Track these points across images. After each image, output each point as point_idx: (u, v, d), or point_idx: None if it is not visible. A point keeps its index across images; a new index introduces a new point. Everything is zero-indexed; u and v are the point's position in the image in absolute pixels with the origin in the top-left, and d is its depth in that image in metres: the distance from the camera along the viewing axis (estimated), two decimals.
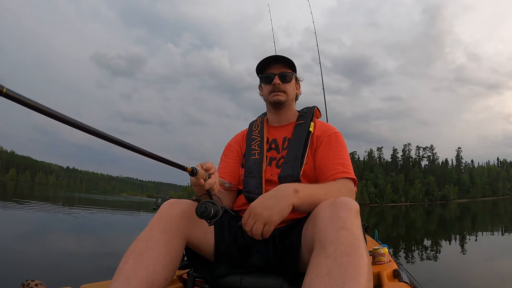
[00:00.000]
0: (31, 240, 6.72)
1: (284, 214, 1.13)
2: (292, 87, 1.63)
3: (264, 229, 1.12)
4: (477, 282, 4.65)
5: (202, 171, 1.09)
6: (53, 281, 1.51)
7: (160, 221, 1.20)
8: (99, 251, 6.23)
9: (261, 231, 1.12)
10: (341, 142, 1.50)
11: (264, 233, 1.12)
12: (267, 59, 1.60)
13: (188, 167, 1.02)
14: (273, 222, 1.11)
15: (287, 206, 1.14)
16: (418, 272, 5.22)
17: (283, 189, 1.19)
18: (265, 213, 1.11)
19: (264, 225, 1.11)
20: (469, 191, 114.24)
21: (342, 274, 0.86)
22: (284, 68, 1.60)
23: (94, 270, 4.36)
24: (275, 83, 1.57)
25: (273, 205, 1.13)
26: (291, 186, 1.19)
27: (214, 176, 1.16)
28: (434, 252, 7.69)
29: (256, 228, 1.11)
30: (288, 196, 1.16)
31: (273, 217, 1.11)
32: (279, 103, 1.60)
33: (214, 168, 1.18)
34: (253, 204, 1.16)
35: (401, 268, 1.67)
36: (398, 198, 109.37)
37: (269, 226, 1.11)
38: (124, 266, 1.09)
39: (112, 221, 14.10)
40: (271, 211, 1.12)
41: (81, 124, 0.61)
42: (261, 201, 1.16)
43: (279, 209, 1.12)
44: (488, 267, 5.69)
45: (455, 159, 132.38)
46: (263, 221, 1.11)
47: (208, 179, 1.13)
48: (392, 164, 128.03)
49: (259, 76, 1.66)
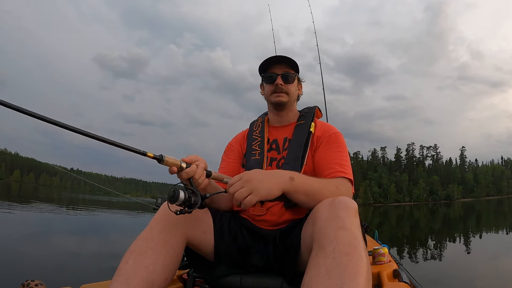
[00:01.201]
0: (32, 240, 6.77)
1: (272, 195, 1.11)
2: (294, 88, 1.62)
3: (247, 198, 1.07)
4: (482, 281, 4.63)
5: (171, 159, 1.06)
6: (53, 281, 1.52)
7: (160, 221, 1.21)
8: (101, 252, 6.26)
9: (243, 198, 1.07)
10: (341, 142, 1.49)
11: (246, 201, 1.07)
12: (270, 59, 1.60)
13: (151, 152, 1.00)
14: (258, 195, 1.08)
15: (277, 189, 1.13)
16: (423, 272, 5.22)
17: (280, 173, 1.19)
18: (255, 184, 1.09)
19: (248, 194, 1.08)
20: (473, 190, 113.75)
21: (341, 274, 0.86)
22: (287, 68, 1.60)
23: (94, 270, 4.38)
24: (278, 84, 1.57)
25: (265, 180, 1.11)
26: (288, 173, 1.19)
27: (194, 166, 1.12)
28: (438, 252, 7.68)
29: (241, 193, 1.07)
30: (282, 180, 1.15)
31: (260, 191, 1.08)
32: (281, 104, 1.60)
33: (200, 160, 1.16)
34: (247, 172, 1.14)
35: (401, 268, 1.67)
36: (402, 198, 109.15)
37: (253, 196, 1.07)
38: (124, 266, 1.10)
39: (115, 222, 14.16)
40: (261, 184, 1.10)
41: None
42: (256, 172, 1.14)
43: (268, 186, 1.11)
44: (493, 266, 5.67)
45: (459, 158, 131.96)
46: (250, 189, 1.08)
47: (186, 169, 1.10)
48: (396, 163, 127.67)
49: (261, 76, 1.65)
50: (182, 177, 1.11)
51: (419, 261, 6.38)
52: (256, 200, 1.08)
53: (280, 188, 1.13)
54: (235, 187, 1.10)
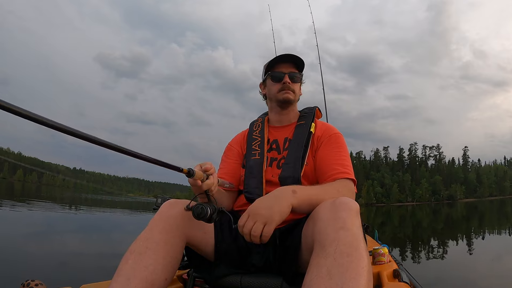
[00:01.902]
0: (32, 240, 6.76)
1: (284, 214, 1.10)
2: (298, 88, 1.64)
3: (264, 230, 1.06)
4: (485, 282, 4.61)
5: (199, 172, 1.08)
6: (54, 281, 1.52)
7: (160, 222, 1.20)
8: (101, 252, 6.25)
9: (260, 232, 1.06)
10: (342, 142, 1.49)
11: (264, 234, 1.06)
12: (280, 57, 1.61)
13: (185, 168, 1.01)
14: (274, 222, 1.06)
15: (287, 206, 1.11)
16: (426, 272, 5.20)
17: (281, 190, 1.17)
18: (265, 213, 1.07)
19: (264, 226, 1.06)
20: (476, 191, 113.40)
21: (342, 274, 0.86)
22: (293, 68, 1.61)
23: (94, 271, 4.37)
24: (286, 82, 1.58)
25: (273, 205, 1.10)
26: (289, 188, 1.17)
27: (212, 177, 1.15)
28: (441, 252, 7.65)
29: (256, 228, 1.06)
30: (287, 196, 1.14)
31: (273, 216, 1.07)
32: (288, 101, 1.61)
33: (213, 168, 1.17)
34: (252, 205, 1.13)
35: (401, 268, 1.66)
36: (404, 198, 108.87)
37: (269, 226, 1.06)
38: (124, 267, 1.09)
39: (118, 221, 14.19)
40: (271, 210, 1.08)
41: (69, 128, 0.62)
42: (260, 202, 1.13)
43: (279, 208, 1.09)
44: (495, 267, 5.65)
45: (462, 158, 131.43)
46: (263, 220, 1.06)
47: (206, 180, 1.12)
48: (398, 163, 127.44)
49: (268, 74, 1.64)
50: (202, 188, 1.13)
51: (421, 261, 6.36)
52: (273, 228, 1.07)
53: (289, 204, 1.12)
54: (247, 226, 1.08)
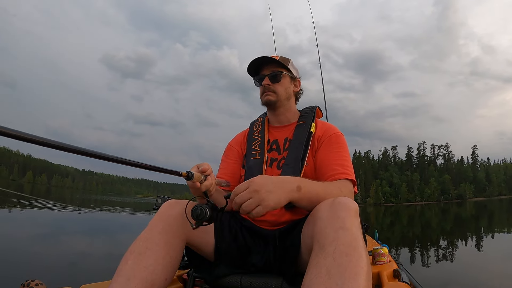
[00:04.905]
0: (33, 240, 6.82)
1: (280, 204, 1.07)
2: (283, 87, 1.60)
3: (256, 210, 1.02)
4: (495, 282, 4.56)
5: (198, 174, 1.08)
6: (54, 281, 1.54)
7: (160, 222, 1.20)
8: (104, 252, 6.27)
9: (251, 210, 1.02)
10: (342, 142, 1.48)
11: (254, 213, 1.02)
12: (253, 62, 1.58)
13: (183, 172, 1.01)
14: (268, 207, 1.03)
15: (285, 198, 1.08)
16: (434, 272, 5.15)
17: (288, 181, 1.13)
18: (264, 195, 1.03)
19: (257, 206, 1.02)
20: (485, 190, 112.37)
21: (341, 274, 0.86)
22: (275, 67, 1.59)
23: (95, 271, 4.39)
24: (264, 84, 1.57)
25: (273, 191, 1.06)
26: (295, 183, 1.13)
27: (210, 177, 1.15)
28: (450, 251, 7.58)
29: (249, 204, 1.02)
30: (290, 189, 1.11)
31: (269, 201, 1.03)
32: (269, 103, 1.59)
33: (211, 169, 1.17)
34: (256, 179, 1.06)
35: (401, 268, 1.66)
36: (413, 197, 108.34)
37: (262, 208, 1.02)
38: (124, 267, 1.09)
39: (125, 222, 14.26)
40: (270, 195, 1.04)
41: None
42: (264, 180, 1.07)
43: (277, 197, 1.06)
44: (505, 267, 5.58)
45: (471, 156, 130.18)
46: (258, 200, 1.02)
47: (204, 181, 1.12)
48: (407, 163, 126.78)
49: (253, 79, 1.65)
50: (201, 190, 1.13)
51: (430, 260, 6.31)
52: (264, 212, 1.03)
53: (288, 198, 1.09)
54: (242, 197, 1.03)
